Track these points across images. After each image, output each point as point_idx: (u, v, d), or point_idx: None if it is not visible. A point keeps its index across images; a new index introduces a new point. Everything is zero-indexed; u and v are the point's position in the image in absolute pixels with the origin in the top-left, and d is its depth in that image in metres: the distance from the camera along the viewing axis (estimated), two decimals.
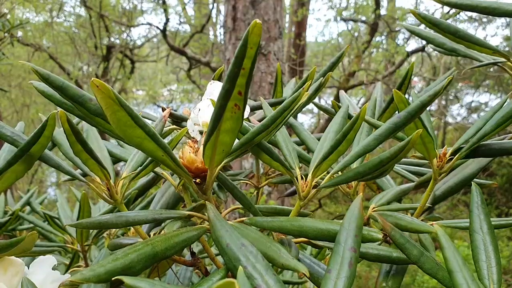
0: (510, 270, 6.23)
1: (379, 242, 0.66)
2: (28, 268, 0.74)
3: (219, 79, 0.95)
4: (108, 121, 0.54)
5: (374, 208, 0.87)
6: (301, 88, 0.58)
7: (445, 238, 0.47)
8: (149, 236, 0.77)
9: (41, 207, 1.37)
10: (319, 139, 0.92)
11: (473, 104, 10.39)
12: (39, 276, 0.73)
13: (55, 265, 0.76)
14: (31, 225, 1.36)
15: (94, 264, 0.50)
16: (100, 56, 8.94)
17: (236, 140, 0.59)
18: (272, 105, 1.05)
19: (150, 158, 0.71)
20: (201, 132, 0.72)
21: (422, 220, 0.89)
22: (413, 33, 1.00)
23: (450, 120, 10.80)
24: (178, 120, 0.97)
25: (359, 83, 7.11)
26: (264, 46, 4.95)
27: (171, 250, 0.53)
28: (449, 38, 0.88)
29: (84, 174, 0.80)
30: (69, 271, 1.16)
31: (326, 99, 10.36)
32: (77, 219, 1.01)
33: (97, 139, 0.81)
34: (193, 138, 0.66)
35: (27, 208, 1.41)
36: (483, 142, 0.77)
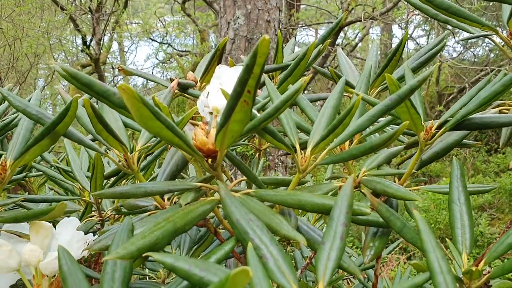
0: (495, 205, 6.51)
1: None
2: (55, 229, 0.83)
3: (223, 49, 1.00)
4: (129, 111, 0.60)
5: (365, 172, 0.95)
6: (302, 82, 0.64)
7: (422, 223, 0.56)
8: (163, 199, 0.86)
9: (53, 158, 1.45)
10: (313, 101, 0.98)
11: (469, 41, 10.28)
12: (66, 237, 0.82)
13: (79, 226, 0.85)
14: (40, 172, 1.46)
15: (123, 242, 0.59)
16: None
17: None
18: (274, 70, 1.10)
19: None
20: (210, 113, 0.78)
21: (408, 183, 0.98)
22: (409, 2, 1.04)
23: (446, 55, 10.75)
24: (184, 88, 1.03)
25: (356, 20, 7.02)
26: None
27: (189, 225, 0.62)
28: (442, 13, 0.93)
29: (94, 139, 0.89)
30: (83, 221, 1.26)
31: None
32: (91, 176, 1.09)
33: (112, 111, 0.87)
34: (204, 119, 0.73)
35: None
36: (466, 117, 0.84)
